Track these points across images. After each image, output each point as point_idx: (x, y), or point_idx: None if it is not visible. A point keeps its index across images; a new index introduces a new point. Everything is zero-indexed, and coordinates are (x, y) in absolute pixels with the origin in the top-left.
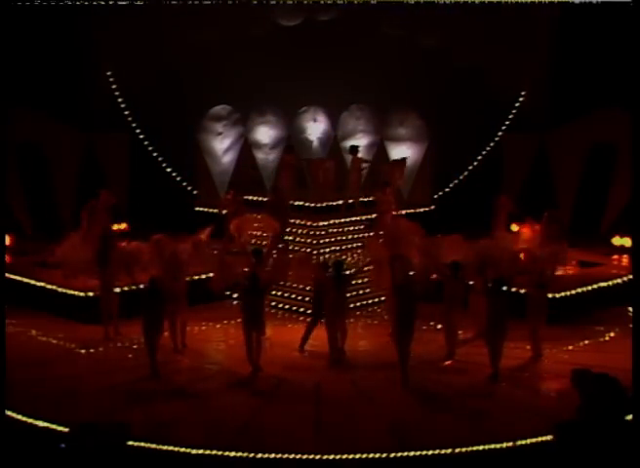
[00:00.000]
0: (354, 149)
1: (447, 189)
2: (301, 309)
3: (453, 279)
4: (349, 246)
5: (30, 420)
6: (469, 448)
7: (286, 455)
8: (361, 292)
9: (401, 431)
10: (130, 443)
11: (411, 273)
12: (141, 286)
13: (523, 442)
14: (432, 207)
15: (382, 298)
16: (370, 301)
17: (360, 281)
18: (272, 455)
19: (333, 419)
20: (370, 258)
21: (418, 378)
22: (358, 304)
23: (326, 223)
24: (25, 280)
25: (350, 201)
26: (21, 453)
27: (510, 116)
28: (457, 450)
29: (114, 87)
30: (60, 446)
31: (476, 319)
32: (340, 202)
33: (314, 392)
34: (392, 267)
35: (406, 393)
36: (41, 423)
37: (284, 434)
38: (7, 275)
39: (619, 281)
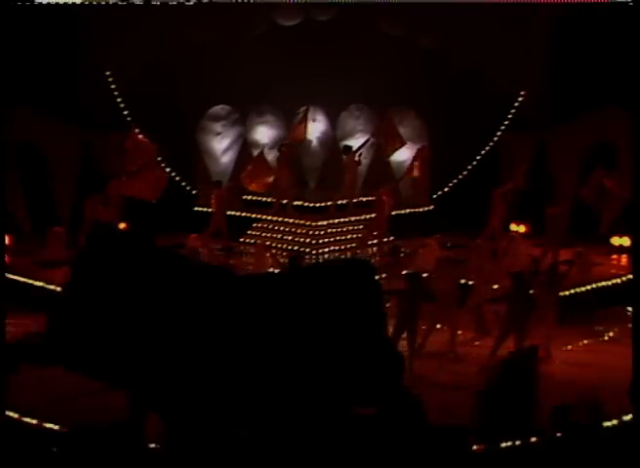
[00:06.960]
0: (348, 149)
1: (446, 189)
2: None
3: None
4: (348, 246)
5: (30, 420)
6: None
7: None
8: None
9: None
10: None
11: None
12: None
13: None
14: (431, 207)
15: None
16: None
17: None
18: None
19: None
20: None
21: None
22: None
23: (325, 223)
24: (25, 280)
25: (345, 201)
26: (21, 454)
27: (509, 116)
28: None
29: (114, 87)
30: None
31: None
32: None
33: None
34: None
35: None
36: (40, 424)
37: None
38: (7, 275)
39: (618, 281)
